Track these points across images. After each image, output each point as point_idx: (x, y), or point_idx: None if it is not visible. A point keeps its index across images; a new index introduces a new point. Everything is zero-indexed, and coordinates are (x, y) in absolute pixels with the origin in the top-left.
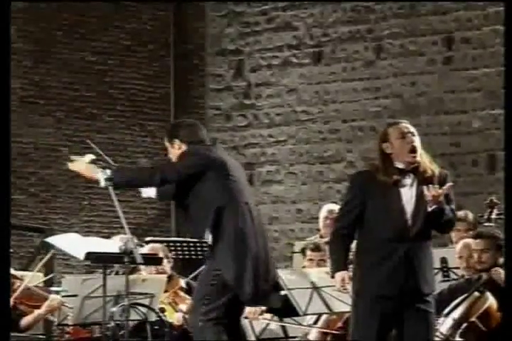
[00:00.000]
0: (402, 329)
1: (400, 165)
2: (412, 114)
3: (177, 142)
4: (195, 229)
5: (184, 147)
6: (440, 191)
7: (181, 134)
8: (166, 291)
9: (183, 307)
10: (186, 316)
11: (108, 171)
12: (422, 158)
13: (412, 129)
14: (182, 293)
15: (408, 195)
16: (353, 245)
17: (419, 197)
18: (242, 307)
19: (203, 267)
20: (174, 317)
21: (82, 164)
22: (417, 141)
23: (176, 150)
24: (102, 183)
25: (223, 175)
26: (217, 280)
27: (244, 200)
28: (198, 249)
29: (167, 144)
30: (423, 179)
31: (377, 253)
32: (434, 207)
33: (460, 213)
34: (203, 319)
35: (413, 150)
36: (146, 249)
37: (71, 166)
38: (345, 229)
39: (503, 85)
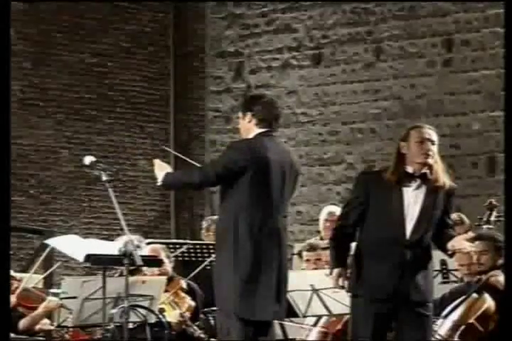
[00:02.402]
0: (399, 331)
1: (410, 170)
2: (412, 115)
3: (248, 115)
4: (219, 217)
5: (254, 121)
6: (469, 249)
7: (255, 109)
8: (166, 291)
9: (183, 307)
10: (186, 315)
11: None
12: (437, 167)
13: (434, 137)
14: (183, 294)
15: (411, 199)
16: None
17: (426, 206)
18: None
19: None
20: (173, 317)
21: (160, 163)
22: (434, 150)
23: (246, 122)
24: (158, 183)
25: (257, 180)
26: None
27: (265, 214)
28: (198, 250)
29: (240, 114)
30: (432, 188)
31: (374, 255)
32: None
33: (454, 216)
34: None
35: (427, 155)
36: (147, 250)
37: (156, 162)
38: (347, 228)
39: (503, 87)
